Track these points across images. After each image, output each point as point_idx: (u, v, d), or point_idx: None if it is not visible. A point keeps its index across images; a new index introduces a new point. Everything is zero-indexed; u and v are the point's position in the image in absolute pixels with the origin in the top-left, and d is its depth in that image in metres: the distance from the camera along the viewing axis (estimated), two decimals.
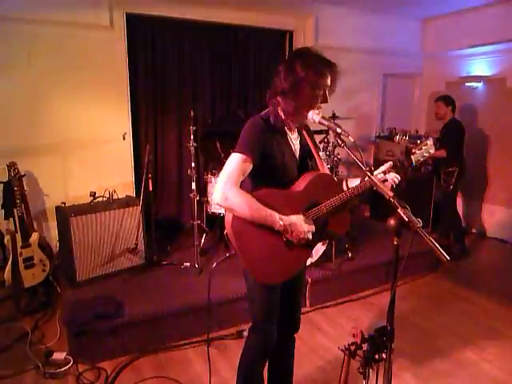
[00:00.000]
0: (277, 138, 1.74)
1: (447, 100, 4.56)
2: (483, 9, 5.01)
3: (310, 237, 1.70)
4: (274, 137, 1.73)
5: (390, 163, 1.84)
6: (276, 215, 1.62)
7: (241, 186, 1.66)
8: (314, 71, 1.63)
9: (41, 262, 3.31)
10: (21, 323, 3.06)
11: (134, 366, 2.72)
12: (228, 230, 1.66)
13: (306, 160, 1.87)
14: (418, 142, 1.90)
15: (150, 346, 2.87)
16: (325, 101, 1.71)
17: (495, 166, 5.18)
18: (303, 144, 1.88)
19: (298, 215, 1.69)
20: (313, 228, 1.71)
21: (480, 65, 5.28)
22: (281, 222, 1.62)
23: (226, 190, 1.59)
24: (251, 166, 1.65)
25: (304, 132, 1.90)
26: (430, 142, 1.88)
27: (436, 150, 4.05)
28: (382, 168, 1.84)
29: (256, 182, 1.75)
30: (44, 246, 3.43)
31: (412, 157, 1.84)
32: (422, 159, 1.86)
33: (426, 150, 1.86)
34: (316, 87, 1.65)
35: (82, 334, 2.69)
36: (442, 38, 5.66)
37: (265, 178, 1.72)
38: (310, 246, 1.77)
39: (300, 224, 1.67)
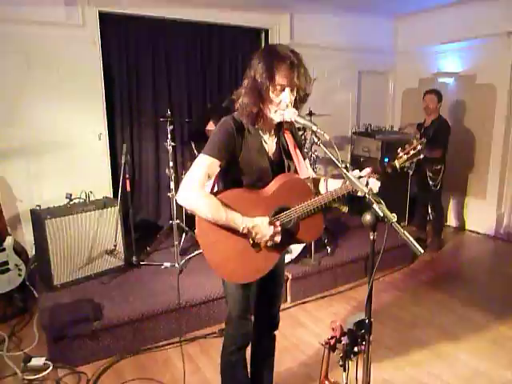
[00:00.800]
0: (248, 140, 1.72)
1: (439, 94, 4.50)
2: (452, 7, 5.16)
3: (278, 240, 1.70)
4: (245, 138, 1.71)
5: (369, 169, 1.74)
6: (239, 218, 1.62)
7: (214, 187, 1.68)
8: (264, 68, 1.60)
9: (16, 266, 3.23)
10: None
11: (114, 368, 2.70)
12: (196, 228, 1.68)
13: (283, 161, 1.83)
14: (406, 145, 1.76)
15: (131, 348, 2.85)
16: (293, 103, 1.67)
17: (467, 159, 5.34)
18: (282, 144, 1.84)
19: (263, 217, 1.67)
20: (278, 231, 1.68)
21: (451, 61, 5.42)
22: (243, 225, 1.62)
23: (189, 191, 1.61)
24: (218, 168, 1.65)
25: (286, 132, 1.85)
26: (420, 145, 1.73)
27: (429, 149, 4.07)
28: (361, 173, 1.72)
29: (227, 183, 1.75)
30: (19, 250, 3.35)
31: (397, 162, 1.74)
32: (408, 165, 1.76)
33: (415, 155, 1.74)
34: (269, 86, 1.61)
35: (60, 338, 2.65)
36: (414, 35, 5.79)
37: (235, 179, 1.72)
38: (279, 248, 1.77)
39: (264, 227, 1.65)
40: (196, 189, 1.61)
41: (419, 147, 1.73)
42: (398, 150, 1.76)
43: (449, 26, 5.25)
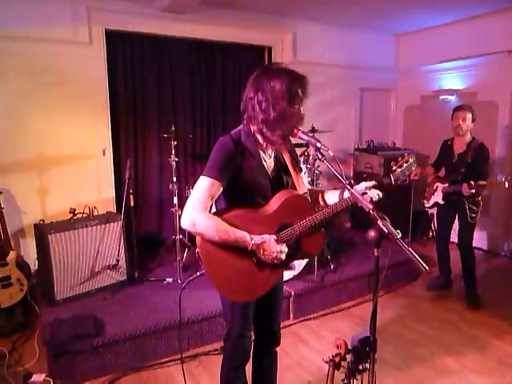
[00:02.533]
0: (247, 158, 1.72)
1: (473, 111, 3.66)
2: (452, 25, 5.25)
3: (283, 257, 1.70)
4: (244, 157, 1.71)
5: (371, 183, 1.77)
6: (247, 235, 1.64)
7: (216, 206, 1.70)
8: (283, 91, 1.62)
9: (18, 281, 3.22)
10: None
11: None
12: (198, 249, 1.68)
13: (282, 177, 1.85)
14: (399, 158, 1.79)
15: (132, 365, 2.82)
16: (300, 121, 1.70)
17: None
18: (279, 160, 1.85)
19: (270, 235, 1.69)
20: (285, 249, 1.69)
21: (452, 79, 5.48)
22: (252, 242, 1.63)
23: (194, 215, 1.60)
24: (220, 190, 1.66)
25: (283, 148, 1.85)
26: (412, 158, 1.76)
27: (473, 181, 3.38)
28: (363, 185, 1.76)
29: (229, 202, 1.77)
30: (22, 264, 3.34)
31: (391, 175, 1.77)
32: (402, 178, 1.78)
33: (408, 167, 1.77)
34: (286, 108, 1.63)
35: (61, 354, 2.63)
36: (415, 53, 5.87)
37: (237, 198, 1.73)
38: (282, 265, 1.77)
39: (272, 244, 1.66)
40: (200, 212, 1.60)
41: (411, 160, 1.76)
42: (391, 164, 1.80)
43: (450, 44, 5.32)
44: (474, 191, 3.42)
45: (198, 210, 1.60)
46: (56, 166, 3.87)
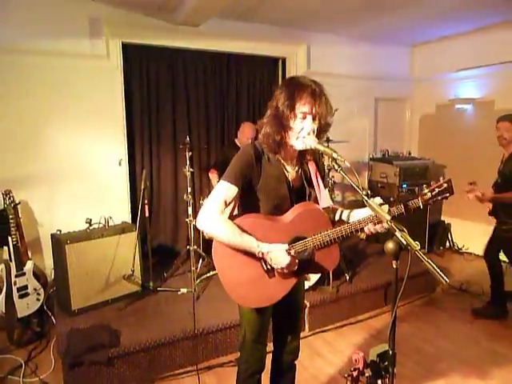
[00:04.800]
0: (266, 168, 1.73)
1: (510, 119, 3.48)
2: (467, 35, 5.20)
3: (293, 269, 1.69)
4: (263, 166, 1.73)
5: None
6: (254, 242, 1.65)
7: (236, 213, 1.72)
8: (286, 97, 1.65)
9: (35, 290, 3.26)
10: (14, 355, 2.98)
11: None
12: (212, 252, 1.73)
13: (305, 188, 1.84)
14: (432, 182, 1.73)
15: (147, 376, 2.81)
16: (315, 132, 1.69)
17: (485, 185, 5.22)
18: (304, 172, 1.85)
19: (282, 244, 1.68)
20: (295, 261, 1.68)
21: (468, 87, 5.42)
22: (259, 249, 1.65)
23: (208, 216, 1.66)
24: (235, 194, 1.69)
25: (309, 159, 1.85)
26: (445, 184, 1.69)
27: (502, 190, 3.43)
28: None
29: (245, 209, 1.78)
30: (38, 274, 3.38)
31: (420, 199, 1.71)
32: (431, 202, 1.72)
33: (440, 193, 1.70)
34: (290, 115, 1.64)
35: (77, 365, 2.63)
36: (431, 62, 5.83)
37: (253, 205, 1.75)
38: (294, 275, 1.75)
39: (280, 254, 1.65)
40: (214, 214, 1.66)
41: (445, 185, 1.71)
42: (424, 187, 1.75)
43: (465, 53, 5.27)
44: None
45: (212, 211, 1.66)
46: (73, 177, 3.93)
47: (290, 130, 1.68)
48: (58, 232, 3.40)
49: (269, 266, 1.71)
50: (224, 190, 1.68)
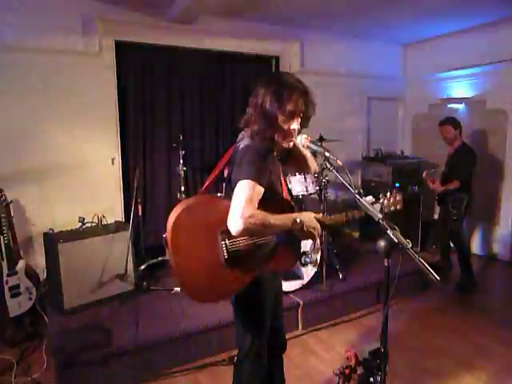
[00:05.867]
0: (271, 165, 1.74)
1: (455, 122, 4.28)
2: (459, 34, 5.24)
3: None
4: (270, 163, 1.73)
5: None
6: (290, 215, 1.66)
7: None
8: (274, 97, 1.65)
9: (27, 290, 3.23)
10: (6, 354, 2.96)
11: None
12: (167, 234, 1.66)
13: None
14: (389, 194, 1.86)
15: (141, 376, 2.80)
16: (304, 126, 1.75)
17: (482, 186, 5.28)
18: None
19: (309, 212, 1.74)
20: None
21: (461, 87, 5.46)
22: (298, 220, 1.65)
23: (247, 211, 1.52)
24: (261, 194, 1.62)
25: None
26: (399, 196, 1.84)
27: (446, 181, 4.21)
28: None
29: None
30: (31, 273, 3.35)
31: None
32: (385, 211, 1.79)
33: (395, 204, 1.84)
34: (278, 115, 1.66)
35: (69, 364, 2.62)
36: (423, 61, 5.86)
37: (266, 205, 1.66)
38: (249, 269, 1.72)
39: (312, 218, 1.71)
40: (252, 209, 1.55)
41: (398, 197, 1.85)
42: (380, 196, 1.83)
43: (458, 53, 5.30)
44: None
45: (250, 208, 1.53)
46: (65, 176, 3.90)
47: (278, 129, 1.70)
48: (51, 231, 3.38)
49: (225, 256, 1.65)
50: (253, 190, 1.58)
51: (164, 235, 1.67)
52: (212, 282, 1.68)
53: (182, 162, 3.70)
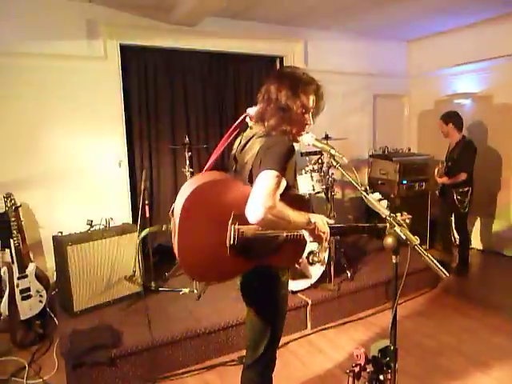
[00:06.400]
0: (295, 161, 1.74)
1: (444, 117, 4.56)
2: (465, 29, 5.20)
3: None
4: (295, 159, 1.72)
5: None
6: (305, 214, 1.64)
7: None
8: (291, 92, 1.67)
9: (37, 292, 3.26)
10: (17, 357, 2.99)
11: None
12: (176, 214, 1.62)
13: None
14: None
15: (149, 376, 2.81)
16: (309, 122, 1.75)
17: (488, 180, 5.24)
18: None
19: (320, 215, 1.72)
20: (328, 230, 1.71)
21: (467, 82, 5.41)
22: (312, 220, 1.65)
23: (269, 200, 1.48)
24: (283, 188, 1.59)
25: None
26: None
27: (450, 174, 4.43)
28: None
29: None
30: (41, 276, 3.38)
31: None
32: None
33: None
34: (295, 109, 1.67)
35: (79, 365, 2.64)
36: (428, 57, 5.82)
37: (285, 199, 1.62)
38: (252, 258, 1.70)
39: (323, 221, 1.70)
40: (275, 198, 1.51)
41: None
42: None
43: (463, 48, 5.26)
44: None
45: (273, 198, 1.49)
46: (73, 179, 3.93)
47: (294, 123, 1.70)
48: (60, 234, 3.41)
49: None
50: (278, 179, 1.53)
51: (172, 208, 1.65)
52: (213, 262, 1.64)
53: (188, 163, 3.71)
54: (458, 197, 4.41)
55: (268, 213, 1.46)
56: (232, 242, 1.61)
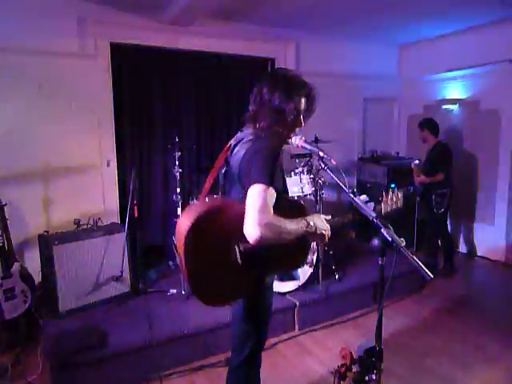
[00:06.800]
0: (281, 163, 1.74)
1: (420, 124, 4.77)
2: (454, 35, 5.28)
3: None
4: (281, 161, 1.72)
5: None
6: (302, 219, 1.61)
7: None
8: (284, 94, 1.67)
9: (22, 293, 3.21)
10: (1, 357, 2.95)
11: None
12: (182, 243, 1.55)
13: None
14: (390, 193, 1.87)
15: (136, 377, 2.79)
16: (299, 125, 1.75)
17: (473, 184, 5.32)
18: None
19: (317, 213, 1.72)
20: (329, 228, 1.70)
21: (455, 88, 5.49)
22: (311, 223, 1.62)
23: (264, 218, 1.46)
24: (275, 197, 1.56)
25: None
26: (400, 193, 1.86)
27: (430, 175, 4.52)
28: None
29: None
30: (26, 276, 3.33)
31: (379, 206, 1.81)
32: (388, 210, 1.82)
33: (396, 203, 1.86)
34: (287, 112, 1.68)
35: (65, 367, 2.61)
36: (418, 62, 5.89)
37: (279, 205, 1.60)
38: (260, 268, 1.69)
39: (322, 220, 1.68)
40: (270, 214, 1.49)
41: (400, 195, 1.87)
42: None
43: (452, 54, 5.34)
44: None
45: (266, 215, 1.47)
46: (60, 178, 3.89)
47: (285, 125, 1.71)
48: (46, 233, 3.37)
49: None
50: (268, 193, 1.51)
51: (174, 240, 1.60)
52: (223, 286, 1.64)
53: (177, 163, 3.70)
54: (438, 199, 4.54)
55: (265, 230, 1.44)
56: (240, 260, 1.58)
